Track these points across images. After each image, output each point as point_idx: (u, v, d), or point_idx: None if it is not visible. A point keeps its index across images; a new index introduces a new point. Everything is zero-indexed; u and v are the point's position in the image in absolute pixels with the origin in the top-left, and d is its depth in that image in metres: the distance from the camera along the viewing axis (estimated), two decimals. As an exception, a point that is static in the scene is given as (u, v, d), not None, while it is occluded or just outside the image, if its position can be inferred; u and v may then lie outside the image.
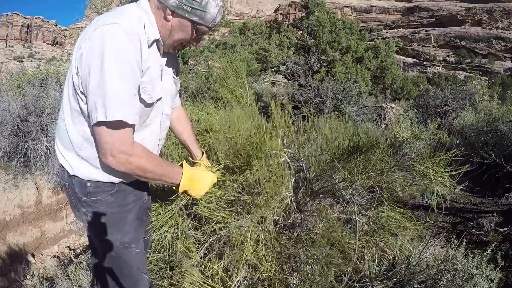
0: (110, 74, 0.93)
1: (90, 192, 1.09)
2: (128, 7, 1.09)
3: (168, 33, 1.10)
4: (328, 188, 1.86)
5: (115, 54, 0.94)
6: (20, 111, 4.17)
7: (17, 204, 3.92)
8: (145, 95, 1.06)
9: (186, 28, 1.08)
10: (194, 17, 1.06)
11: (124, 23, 0.98)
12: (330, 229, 1.60)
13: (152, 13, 1.09)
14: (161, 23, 1.09)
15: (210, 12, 1.06)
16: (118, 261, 1.15)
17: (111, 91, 0.93)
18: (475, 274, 1.53)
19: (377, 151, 1.77)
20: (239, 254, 1.41)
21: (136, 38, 1.00)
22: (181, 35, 1.10)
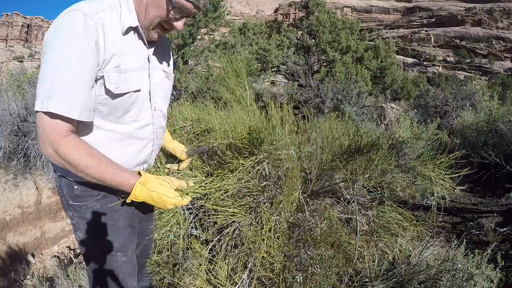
0: (54, 61, 0.87)
1: (77, 196, 1.04)
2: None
3: (144, 11, 0.99)
4: (328, 188, 1.86)
5: (65, 40, 0.87)
6: (20, 111, 4.17)
7: (17, 204, 3.92)
8: (110, 85, 0.96)
9: (160, 1, 0.97)
10: None
11: (85, 8, 0.91)
12: (332, 229, 1.61)
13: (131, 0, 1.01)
14: (138, 4, 1.00)
15: None
16: (103, 267, 1.10)
17: (55, 79, 0.86)
18: (475, 274, 1.53)
19: (379, 151, 1.77)
20: (253, 248, 1.42)
21: (96, 22, 0.91)
22: (156, 11, 0.98)
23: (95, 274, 1.12)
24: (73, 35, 0.88)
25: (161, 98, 1.15)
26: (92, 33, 0.90)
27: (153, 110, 1.11)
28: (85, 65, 0.89)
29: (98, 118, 0.99)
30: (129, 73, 1.00)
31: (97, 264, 1.10)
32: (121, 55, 0.98)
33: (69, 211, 1.08)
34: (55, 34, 0.88)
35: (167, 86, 1.20)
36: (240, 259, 1.52)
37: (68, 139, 0.90)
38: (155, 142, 1.16)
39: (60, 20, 0.90)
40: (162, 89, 1.15)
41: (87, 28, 0.89)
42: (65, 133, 0.90)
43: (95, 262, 1.10)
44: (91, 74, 0.91)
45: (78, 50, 0.88)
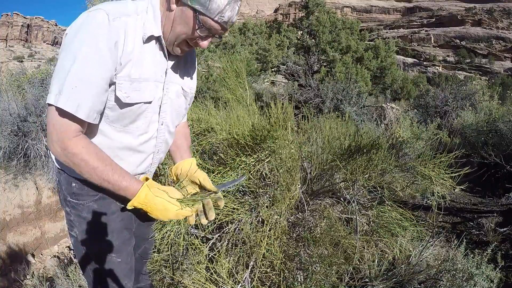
0: (73, 57, 0.85)
1: (74, 193, 1.03)
2: (138, 1, 0.99)
3: (171, 25, 0.96)
4: (328, 188, 1.86)
5: (85, 37, 0.86)
6: (20, 111, 4.18)
7: (17, 204, 3.92)
8: (120, 93, 0.93)
9: (188, 19, 0.93)
10: (196, 5, 0.90)
11: (110, 9, 0.90)
12: (332, 229, 1.61)
13: (159, 8, 0.98)
14: (166, 16, 0.97)
15: (216, 1, 0.90)
16: (97, 266, 1.09)
17: (69, 75, 0.85)
18: (475, 274, 1.53)
19: (379, 151, 1.77)
20: (253, 247, 1.42)
21: (119, 25, 0.90)
22: (183, 28, 0.95)
23: (88, 272, 1.11)
24: (95, 33, 0.87)
25: (171, 114, 1.10)
26: (113, 34, 0.89)
27: (159, 124, 1.08)
28: (102, 66, 0.88)
29: (104, 123, 0.98)
30: (142, 83, 0.98)
31: (91, 262, 1.09)
32: (137, 63, 0.95)
33: (67, 207, 1.07)
34: (77, 30, 0.88)
35: (181, 104, 1.14)
36: (241, 258, 1.52)
37: (77, 140, 0.89)
38: (156, 156, 1.13)
39: (83, 17, 0.89)
40: (175, 105, 1.11)
41: (109, 28, 0.88)
42: (74, 132, 0.89)
43: (89, 261, 1.10)
44: (107, 76, 0.90)
45: (97, 49, 0.87)
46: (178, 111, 1.15)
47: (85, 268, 1.11)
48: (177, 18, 0.95)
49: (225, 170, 1.58)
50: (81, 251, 1.10)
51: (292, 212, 1.73)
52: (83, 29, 0.87)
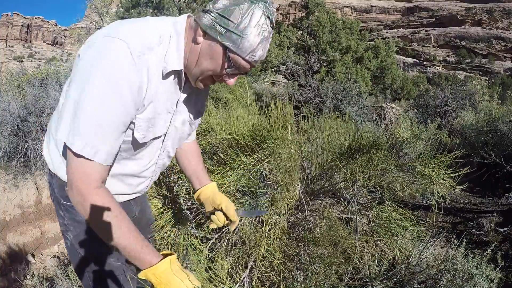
0: (92, 98, 0.78)
1: (68, 196, 0.94)
2: (161, 21, 0.90)
3: (196, 60, 0.89)
4: (328, 188, 1.86)
5: (106, 76, 0.78)
6: (20, 111, 4.18)
7: (17, 204, 3.92)
8: (137, 134, 0.90)
9: (216, 55, 0.86)
10: (227, 42, 0.84)
11: (134, 43, 0.80)
12: (332, 229, 1.61)
13: (184, 36, 0.89)
14: (190, 47, 0.89)
15: (249, 40, 0.84)
16: (95, 271, 1.06)
17: (86, 118, 0.78)
18: (475, 274, 1.53)
19: (379, 151, 1.77)
20: (253, 247, 1.42)
21: (142, 65, 0.82)
22: (210, 64, 0.88)
23: (86, 277, 1.07)
24: (116, 74, 0.78)
25: (174, 140, 1.07)
26: (137, 77, 0.82)
27: (161, 151, 1.05)
28: (124, 112, 0.82)
29: None
30: (156, 119, 0.93)
31: (88, 267, 1.06)
32: (155, 101, 0.90)
33: (60, 210, 1.02)
34: (95, 61, 0.79)
35: (185, 131, 1.10)
36: (240, 258, 1.52)
37: (98, 195, 0.83)
38: (153, 178, 1.12)
39: (101, 44, 0.81)
40: (179, 132, 1.07)
41: (133, 69, 0.80)
42: (95, 183, 0.83)
43: (86, 265, 1.06)
44: (127, 120, 0.84)
45: (120, 95, 0.80)
46: (181, 137, 1.11)
47: (82, 273, 1.07)
48: (204, 53, 0.88)
49: (225, 170, 1.58)
50: (77, 255, 1.06)
51: (292, 212, 1.73)
52: (102, 63, 0.78)
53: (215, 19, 0.84)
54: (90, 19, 8.52)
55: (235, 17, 0.83)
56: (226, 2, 0.84)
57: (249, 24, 0.83)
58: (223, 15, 0.83)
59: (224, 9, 0.84)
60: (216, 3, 0.85)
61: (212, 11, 0.85)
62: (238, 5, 0.83)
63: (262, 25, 0.85)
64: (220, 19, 0.83)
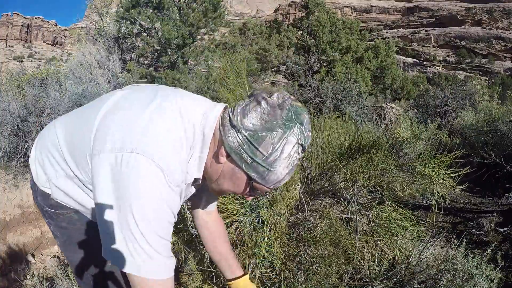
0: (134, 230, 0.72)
1: (52, 205, 0.94)
2: (190, 117, 0.80)
3: (216, 177, 0.83)
4: (328, 188, 1.86)
5: (148, 208, 0.72)
6: (20, 111, 4.18)
7: (17, 204, 3.93)
8: None
9: (239, 181, 0.80)
10: (252, 173, 0.77)
11: (170, 171, 0.73)
12: (332, 229, 1.61)
13: (210, 143, 0.81)
14: (211, 161, 0.82)
15: (277, 173, 0.76)
16: (88, 273, 1.03)
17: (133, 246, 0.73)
18: (475, 274, 1.53)
19: (379, 151, 1.77)
20: (254, 247, 1.42)
21: (178, 195, 0.77)
22: (231, 187, 0.82)
23: (81, 279, 1.06)
24: (159, 207, 0.74)
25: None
26: (175, 208, 0.78)
27: None
28: (167, 237, 0.78)
29: None
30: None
31: (82, 270, 1.03)
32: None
33: (45, 218, 0.99)
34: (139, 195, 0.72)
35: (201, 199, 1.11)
36: (241, 258, 1.52)
37: None
38: None
39: (141, 172, 0.71)
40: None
41: (172, 199, 0.76)
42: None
43: (80, 268, 1.04)
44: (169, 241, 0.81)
45: (162, 225, 0.75)
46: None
47: (81, 276, 1.05)
48: (226, 174, 0.81)
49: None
50: (68, 259, 1.05)
51: (292, 212, 1.73)
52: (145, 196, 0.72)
53: (242, 144, 0.75)
54: (90, 19, 8.52)
55: (265, 148, 0.74)
56: (257, 123, 0.74)
57: (280, 157, 0.74)
58: (252, 143, 0.74)
59: (254, 133, 0.74)
60: (246, 118, 0.75)
61: (240, 130, 0.75)
62: (271, 131, 0.73)
63: (293, 155, 0.76)
64: (248, 146, 0.74)
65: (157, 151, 0.72)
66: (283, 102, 0.76)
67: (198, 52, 7.24)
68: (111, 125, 0.78)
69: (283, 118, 0.74)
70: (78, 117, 0.93)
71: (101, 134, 0.78)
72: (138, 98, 0.84)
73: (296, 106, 0.77)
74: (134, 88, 0.92)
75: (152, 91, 0.86)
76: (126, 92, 0.90)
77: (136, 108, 0.79)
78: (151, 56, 7.32)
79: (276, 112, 0.75)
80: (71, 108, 4.49)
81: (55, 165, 0.90)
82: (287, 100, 0.77)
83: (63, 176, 0.90)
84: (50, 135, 0.94)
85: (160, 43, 6.87)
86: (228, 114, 0.79)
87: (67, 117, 0.98)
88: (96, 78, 4.84)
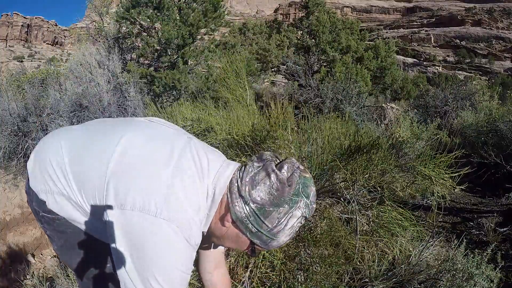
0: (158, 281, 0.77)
1: (48, 211, 0.93)
2: (205, 178, 0.84)
3: (219, 236, 0.87)
4: (328, 188, 1.86)
5: (171, 265, 0.77)
6: (20, 111, 4.18)
7: (17, 204, 3.93)
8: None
9: (242, 243, 0.85)
10: (256, 240, 0.82)
11: (192, 236, 0.78)
12: (332, 229, 1.61)
13: (218, 203, 0.84)
14: (216, 220, 0.85)
15: (279, 241, 0.81)
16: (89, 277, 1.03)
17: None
18: (475, 274, 1.53)
19: (379, 151, 1.77)
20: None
21: (195, 251, 0.82)
22: (234, 246, 0.89)
23: (81, 280, 1.05)
24: (180, 266, 0.79)
25: None
26: (192, 264, 0.83)
27: None
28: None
29: None
30: None
31: (81, 273, 1.03)
32: None
33: (41, 223, 0.98)
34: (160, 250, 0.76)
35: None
36: (241, 258, 1.52)
37: None
38: None
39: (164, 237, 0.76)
40: None
41: (191, 262, 0.82)
42: None
43: (80, 271, 1.03)
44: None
45: (183, 279, 0.80)
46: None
47: (81, 279, 1.05)
48: (229, 236, 0.85)
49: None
50: (67, 263, 1.04)
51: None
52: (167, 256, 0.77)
53: (249, 216, 0.79)
54: (90, 19, 8.52)
55: (271, 221, 0.78)
56: (265, 197, 0.78)
57: (284, 229, 0.79)
58: (259, 216, 0.78)
59: (261, 207, 0.78)
60: (254, 190, 0.79)
61: (247, 202, 0.79)
62: (278, 207, 0.77)
63: (296, 225, 0.80)
64: (254, 218, 0.78)
65: (180, 217, 0.76)
66: (292, 175, 0.79)
67: (198, 52, 7.23)
68: (132, 182, 0.80)
69: (290, 193, 0.78)
70: (87, 143, 0.92)
71: (121, 188, 0.80)
72: (156, 149, 0.85)
73: (304, 178, 0.80)
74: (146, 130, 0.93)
75: (168, 141, 0.88)
76: (140, 134, 0.90)
77: (155, 165, 0.81)
78: (151, 56, 7.31)
79: (284, 189, 0.77)
80: (71, 108, 4.48)
81: (56, 181, 0.90)
82: (296, 172, 0.80)
83: (60, 194, 0.90)
84: (54, 148, 0.93)
85: (160, 43, 6.87)
86: (237, 180, 0.82)
87: (74, 135, 0.97)
88: (96, 78, 4.84)
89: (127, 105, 4.89)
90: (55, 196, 0.90)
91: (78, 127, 1.02)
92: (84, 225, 0.93)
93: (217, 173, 0.85)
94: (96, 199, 0.84)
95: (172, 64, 7.03)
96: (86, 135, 0.96)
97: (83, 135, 0.96)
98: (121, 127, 0.95)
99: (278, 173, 0.79)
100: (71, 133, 0.98)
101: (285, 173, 0.79)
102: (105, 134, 0.93)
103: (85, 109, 4.52)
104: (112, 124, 0.98)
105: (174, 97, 6.67)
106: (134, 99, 4.97)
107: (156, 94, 6.59)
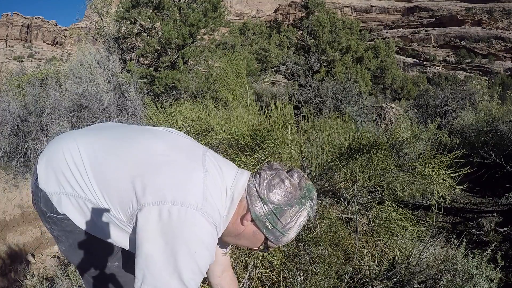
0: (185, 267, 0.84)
1: (57, 211, 0.94)
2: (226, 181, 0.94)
3: (236, 235, 0.97)
4: (328, 188, 1.86)
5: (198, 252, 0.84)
6: (20, 111, 4.18)
7: (17, 204, 3.92)
8: None
9: (256, 241, 0.97)
10: (270, 236, 0.94)
11: (214, 217, 0.87)
12: (332, 229, 1.61)
13: (236, 205, 0.94)
14: (235, 220, 0.95)
15: (289, 237, 0.95)
16: (97, 276, 1.05)
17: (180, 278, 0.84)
18: (475, 274, 1.53)
19: (379, 151, 1.77)
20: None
21: (216, 241, 0.90)
22: (248, 243, 0.99)
23: (85, 282, 1.06)
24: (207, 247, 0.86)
25: None
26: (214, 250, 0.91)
27: None
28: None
29: None
30: None
31: (90, 273, 1.04)
32: None
33: (48, 223, 0.98)
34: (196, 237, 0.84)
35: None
36: (240, 258, 1.52)
37: None
38: None
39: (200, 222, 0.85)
40: None
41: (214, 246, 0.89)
42: None
43: (87, 271, 1.04)
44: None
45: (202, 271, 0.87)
46: None
47: (83, 276, 1.07)
48: (246, 235, 0.96)
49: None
50: (74, 263, 1.04)
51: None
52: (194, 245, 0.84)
53: (267, 214, 0.91)
54: (90, 19, 8.52)
55: (285, 219, 0.92)
56: (281, 199, 0.92)
57: (293, 226, 0.93)
58: (276, 214, 0.91)
59: (278, 207, 0.91)
60: (271, 193, 0.92)
61: (266, 203, 0.92)
62: (291, 206, 0.91)
63: (302, 223, 0.95)
64: (272, 217, 0.91)
65: (214, 215, 0.87)
66: (300, 181, 0.94)
67: (198, 52, 7.23)
68: (167, 180, 0.88)
69: (300, 196, 0.92)
70: (110, 147, 0.96)
71: (157, 186, 0.86)
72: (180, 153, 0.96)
73: (308, 185, 0.96)
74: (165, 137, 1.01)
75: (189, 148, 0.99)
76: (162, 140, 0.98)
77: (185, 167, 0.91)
78: (151, 56, 7.30)
79: (296, 192, 0.93)
80: (71, 108, 4.48)
81: (74, 183, 0.92)
82: (302, 179, 0.95)
83: (76, 197, 0.92)
84: (71, 150, 0.95)
85: (160, 43, 6.86)
86: (254, 185, 0.95)
87: (92, 139, 0.98)
88: (96, 78, 4.84)
89: (127, 105, 4.90)
90: (70, 198, 0.92)
91: (92, 131, 1.05)
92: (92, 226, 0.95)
93: (235, 179, 0.96)
94: (124, 200, 0.89)
95: (172, 64, 7.03)
96: (107, 139, 0.99)
97: (103, 139, 0.99)
98: (141, 133, 1.03)
99: (291, 179, 0.93)
100: (87, 137, 0.99)
101: (296, 179, 0.94)
102: (127, 139, 0.99)
103: (85, 109, 4.52)
104: (132, 130, 1.05)
105: (174, 97, 6.67)
106: (134, 99, 4.97)
107: (156, 94, 6.59)
